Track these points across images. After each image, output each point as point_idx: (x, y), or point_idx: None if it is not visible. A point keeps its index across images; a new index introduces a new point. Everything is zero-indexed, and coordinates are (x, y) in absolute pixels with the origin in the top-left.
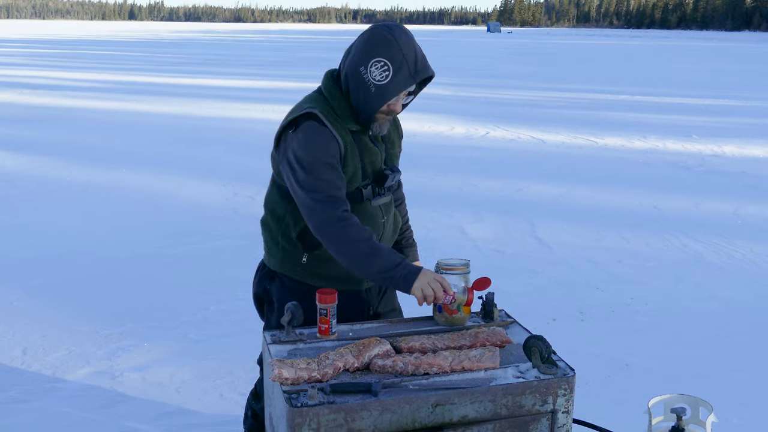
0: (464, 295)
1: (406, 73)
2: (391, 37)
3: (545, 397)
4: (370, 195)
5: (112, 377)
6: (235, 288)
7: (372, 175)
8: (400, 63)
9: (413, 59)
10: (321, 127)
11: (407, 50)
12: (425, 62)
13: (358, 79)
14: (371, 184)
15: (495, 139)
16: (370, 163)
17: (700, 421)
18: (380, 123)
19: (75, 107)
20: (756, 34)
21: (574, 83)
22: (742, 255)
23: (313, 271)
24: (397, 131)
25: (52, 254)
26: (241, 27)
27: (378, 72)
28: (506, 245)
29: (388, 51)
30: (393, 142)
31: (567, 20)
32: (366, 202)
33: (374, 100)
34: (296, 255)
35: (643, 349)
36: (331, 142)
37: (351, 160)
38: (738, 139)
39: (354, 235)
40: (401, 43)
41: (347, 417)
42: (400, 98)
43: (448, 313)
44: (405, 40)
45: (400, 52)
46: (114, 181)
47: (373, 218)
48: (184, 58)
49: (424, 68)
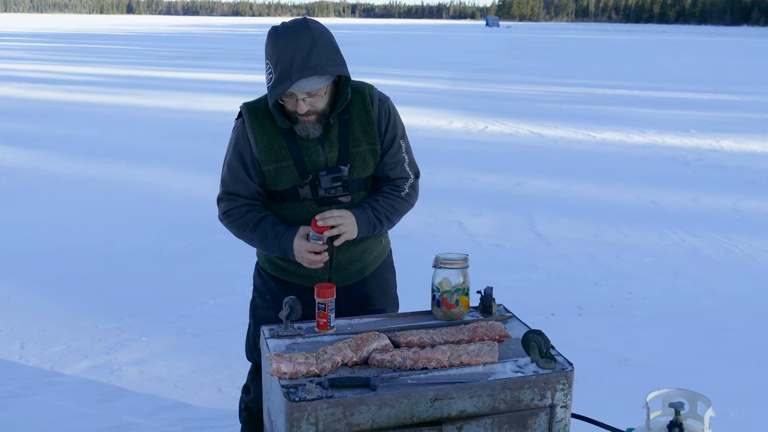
0: (462, 284)
1: (280, 76)
2: (269, 40)
3: (544, 391)
4: (309, 194)
5: (111, 371)
6: (233, 282)
7: (314, 174)
8: (275, 65)
9: (289, 61)
10: (240, 127)
11: (283, 52)
12: (306, 63)
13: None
14: (310, 185)
15: (494, 133)
16: (309, 161)
17: (698, 415)
18: (302, 125)
19: (73, 101)
20: (755, 29)
21: (572, 78)
22: (741, 250)
23: (272, 261)
24: (373, 128)
25: (50, 248)
26: (240, 21)
27: (266, 74)
28: (505, 240)
29: (268, 53)
30: (357, 139)
31: (566, 15)
32: (305, 201)
33: (269, 101)
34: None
35: (642, 344)
36: (243, 144)
37: (270, 158)
38: (736, 134)
39: (235, 229)
40: (278, 45)
41: (345, 411)
42: (297, 99)
43: (446, 308)
44: (282, 42)
45: (274, 55)
46: (113, 175)
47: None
48: (182, 52)
49: (300, 70)
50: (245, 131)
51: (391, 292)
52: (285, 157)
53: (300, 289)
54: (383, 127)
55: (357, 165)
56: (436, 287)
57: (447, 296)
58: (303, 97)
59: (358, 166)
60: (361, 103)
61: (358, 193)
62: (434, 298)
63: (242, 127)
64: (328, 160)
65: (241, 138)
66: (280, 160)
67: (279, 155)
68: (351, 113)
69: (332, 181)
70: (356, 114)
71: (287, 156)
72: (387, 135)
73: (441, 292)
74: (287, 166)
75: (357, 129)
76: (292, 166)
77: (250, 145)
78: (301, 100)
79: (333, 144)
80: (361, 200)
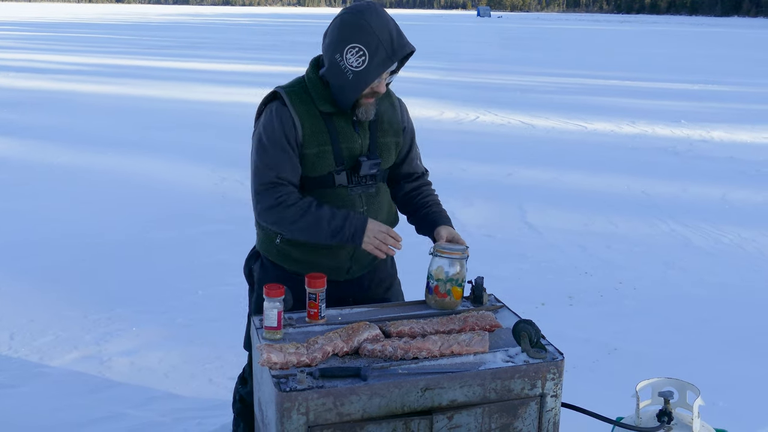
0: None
1: (383, 55)
2: (363, 21)
3: (534, 381)
4: (344, 181)
5: (100, 362)
6: (223, 272)
7: (350, 161)
8: (375, 46)
9: (388, 39)
10: (281, 108)
11: (381, 32)
12: (402, 39)
13: (335, 67)
14: (346, 171)
15: (485, 123)
16: (347, 148)
17: (687, 404)
18: (365, 107)
19: (62, 91)
20: (745, 20)
21: (564, 68)
22: (730, 240)
23: (287, 254)
24: (397, 122)
25: (39, 238)
26: (230, 10)
27: (354, 58)
28: (496, 230)
29: (362, 36)
30: (385, 130)
31: (557, 5)
32: (340, 188)
33: (353, 86)
34: (271, 235)
35: (631, 334)
36: (287, 124)
37: (313, 142)
38: (726, 125)
39: (291, 215)
40: (374, 26)
41: (336, 401)
42: (382, 79)
43: (437, 296)
44: (377, 22)
45: (374, 35)
46: (102, 165)
47: (347, 206)
48: (172, 41)
49: (401, 46)
50: (289, 113)
51: (396, 280)
52: (325, 141)
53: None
54: (405, 121)
55: (385, 155)
56: (430, 274)
57: (439, 284)
58: (387, 76)
59: (386, 156)
60: (388, 96)
61: (382, 184)
62: (428, 285)
63: (284, 110)
64: (362, 147)
65: (285, 120)
66: (321, 145)
67: (320, 139)
68: (378, 105)
69: (371, 167)
70: (383, 106)
71: (327, 141)
72: (407, 130)
73: (434, 279)
74: (327, 151)
75: (385, 120)
76: (330, 152)
77: (295, 127)
78: (384, 79)
79: (365, 132)
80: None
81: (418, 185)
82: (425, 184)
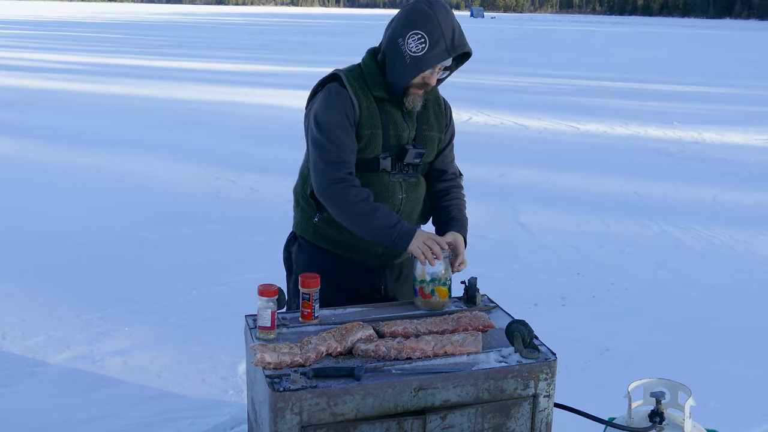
0: (445, 272)
1: (443, 47)
2: (431, 11)
3: (527, 381)
4: (388, 167)
5: (93, 362)
6: (216, 272)
7: (395, 148)
8: (437, 37)
9: (450, 34)
10: (341, 89)
11: (445, 25)
12: (462, 39)
13: (395, 50)
14: (391, 157)
15: (478, 124)
16: (395, 135)
17: (679, 404)
18: (413, 97)
19: (55, 89)
20: (737, 22)
21: (556, 69)
22: (721, 241)
23: (324, 233)
24: (443, 119)
25: (31, 237)
26: (223, 10)
27: (415, 44)
28: (489, 230)
29: (427, 24)
30: (431, 124)
31: (550, 6)
32: (383, 173)
33: (409, 70)
34: (310, 214)
35: (624, 334)
36: (347, 104)
37: (368, 124)
38: (718, 126)
39: (352, 196)
40: (440, 17)
41: (330, 401)
42: (435, 72)
43: (422, 297)
44: (444, 15)
45: (438, 26)
46: (94, 164)
47: (388, 191)
48: (165, 40)
49: (461, 44)
50: (347, 94)
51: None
52: (377, 125)
53: (347, 262)
54: (448, 120)
55: (428, 147)
56: (414, 277)
57: (423, 286)
58: (440, 71)
59: (429, 149)
60: (434, 94)
61: (422, 177)
62: (413, 287)
63: (343, 90)
64: (409, 136)
65: (345, 99)
66: (375, 128)
67: (373, 123)
68: (427, 101)
69: (416, 156)
70: (431, 102)
71: (378, 125)
72: (449, 129)
73: (418, 281)
74: (377, 135)
75: (431, 115)
76: (380, 136)
77: (354, 106)
78: (436, 72)
79: (413, 123)
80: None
81: (448, 186)
82: (455, 186)
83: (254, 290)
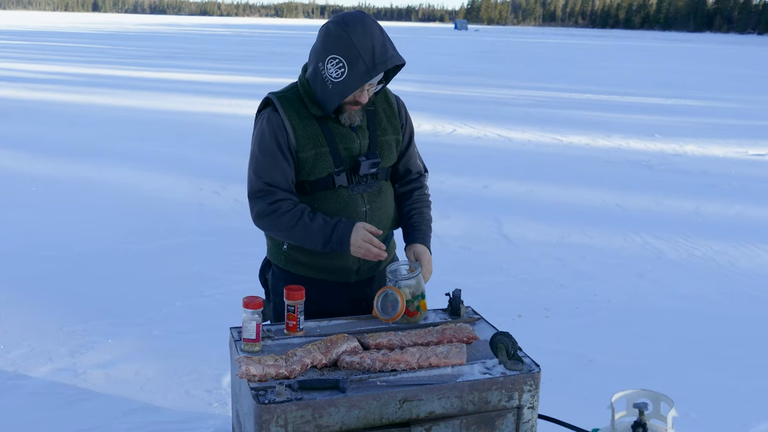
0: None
1: (363, 69)
2: (344, 33)
3: (511, 392)
4: (344, 182)
5: (76, 374)
6: (200, 284)
7: (349, 162)
8: (355, 59)
9: (369, 53)
10: (273, 114)
11: (362, 44)
12: (385, 54)
13: (317, 75)
14: (345, 171)
15: (461, 136)
16: (345, 149)
17: (662, 415)
18: (349, 114)
19: (37, 100)
20: (717, 36)
21: (540, 82)
22: (702, 252)
23: (295, 259)
24: (396, 119)
25: (13, 249)
26: (208, 21)
27: (334, 69)
28: (472, 242)
29: (342, 48)
30: (384, 128)
31: (533, 19)
32: (340, 189)
33: (333, 96)
34: (278, 243)
35: (607, 345)
36: (279, 130)
37: (309, 145)
38: (699, 139)
39: (284, 223)
40: (355, 38)
41: (315, 413)
42: (364, 90)
43: (408, 316)
44: (360, 34)
45: (354, 48)
46: (78, 175)
47: (350, 206)
48: (149, 51)
49: (383, 61)
50: (280, 119)
51: None
52: (322, 143)
53: (325, 285)
54: (403, 119)
55: (385, 153)
56: None
57: (408, 306)
58: (370, 87)
59: (386, 155)
60: (385, 96)
61: (385, 183)
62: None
63: (276, 115)
64: (362, 147)
65: (276, 125)
66: (318, 147)
67: (316, 142)
68: (375, 104)
69: (370, 167)
70: (380, 105)
71: (323, 143)
72: (407, 127)
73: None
74: (324, 153)
75: (383, 119)
76: (328, 153)
77: (287, 132)
78: (367, 90)
79: (364, 132)
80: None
81: (411, 189)
82: (417, 188)
83: (239, 302)
